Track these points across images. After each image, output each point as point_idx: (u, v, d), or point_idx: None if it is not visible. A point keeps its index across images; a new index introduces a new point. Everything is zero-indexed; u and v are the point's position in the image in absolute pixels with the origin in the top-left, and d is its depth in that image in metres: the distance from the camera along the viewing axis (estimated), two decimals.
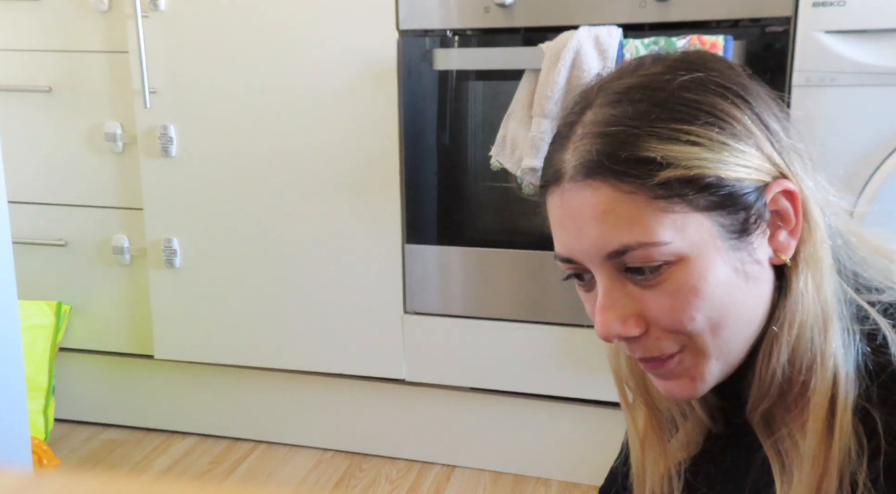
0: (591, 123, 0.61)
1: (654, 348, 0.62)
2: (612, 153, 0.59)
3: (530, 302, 1.64)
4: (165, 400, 1.95)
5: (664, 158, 0.58)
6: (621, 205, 0.59)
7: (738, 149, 0.59)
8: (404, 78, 1.60)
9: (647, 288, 0.61)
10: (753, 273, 0.61)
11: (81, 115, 1.80)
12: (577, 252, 0.62)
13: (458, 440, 1.78)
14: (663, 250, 0.59)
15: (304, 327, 1.76)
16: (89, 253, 1.87)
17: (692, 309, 0.60)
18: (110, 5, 1.72)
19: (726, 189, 0.59)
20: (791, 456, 0.61)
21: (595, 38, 1.43)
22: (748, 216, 0.60)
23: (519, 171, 1.51)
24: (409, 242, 1.68)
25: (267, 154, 1.70)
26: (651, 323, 0.61)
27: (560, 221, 0.63)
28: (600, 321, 0.62)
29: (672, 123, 0.59)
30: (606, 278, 0.62)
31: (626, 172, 0.58)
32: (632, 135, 0.59)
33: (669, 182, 0.58)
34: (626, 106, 0.60)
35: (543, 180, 0.64)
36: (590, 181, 0.60)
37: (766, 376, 0.62)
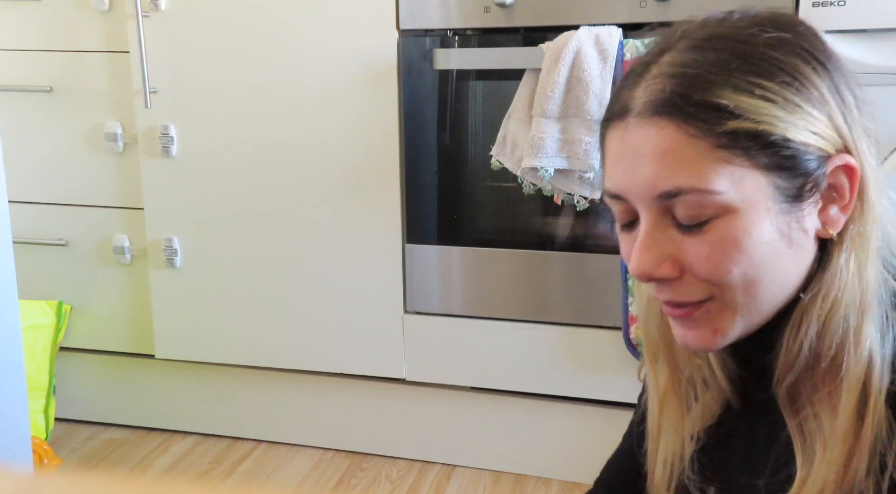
0: (669, 64, 0.61)
1: (683, 293, 0.63)
2: (684, 94, 0.59)
3: (530, 302, 1.64)
4: (166, 399, 1.95)
5: (736, 109, 0.58)
6: (684, 147, 0.59)
7: (810, 114, 0.59)
8: (404, 78, 1.60)
9: (690, 235, 0.61)
10: (797, 239, 0.61)
11: (82, 115, 1.80)
12: (629, 189, 0.62)
13: (459, 439, 1.78)
14: (715, 199, 0.59)
15: (304, 327, 1.76)
16: (90, 253, 1.87)
17: (730, 262, 0.60)
18: (111, 5, 1.73)
19: (790, 151, 0.59)
20: (815, 436, 0.61)
21: (595, 38, 1.43)
22: (805, 182, 0.60)
23: (519, 171, 1.51)
24: (409, 242, 1.68)
25: (267, 154, 1.70)
26: (686, 270, 0.62)
27: (617, 156, 0.63)
28: (637, 259, 0.62)
29: (750, 76, 0.59)
30: (651, 219, 0.62)
31: (694, 115, 0.58)
32: (707, 80, 0.59)
33: (736, 133, 0.58)
34: (707, 52, 0.60)
35: (607, 115, 0.64)
36: (657, 119, 0.60)
37: (794, 347, 0.62)
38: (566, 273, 1.61)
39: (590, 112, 1.43)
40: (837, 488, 0.59)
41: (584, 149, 1.44)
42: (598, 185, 1.49)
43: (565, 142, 1.46)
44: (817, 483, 0.60)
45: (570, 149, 1.46)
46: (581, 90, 1.43)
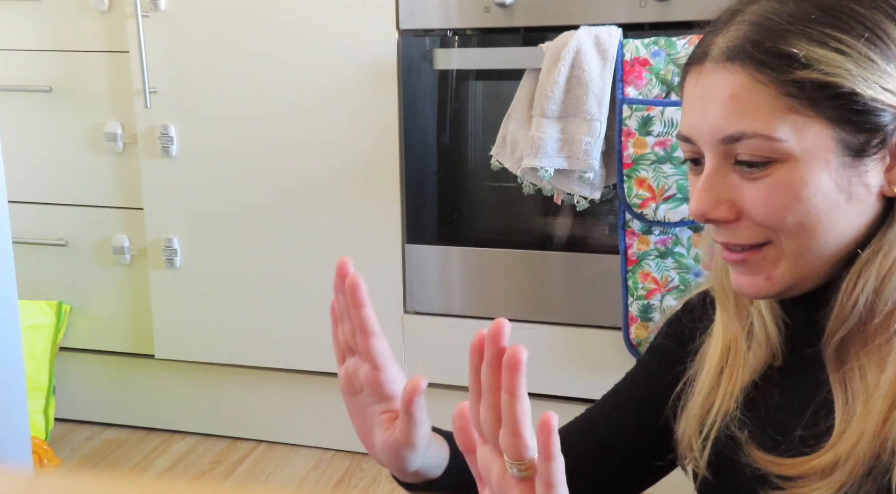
0: (751, 13, 0.62)
1: (741, 236, 0.64)
2: (757, 41, 0.60)
3: (530, 302, 1.64)
4: (166, 399, 1.95)
5: (806, 58, 0.59)
6: (751, 92, 0.60)
7: (884, 70, 0.59)
8: (404, 78, 1.60)
9: (749, 180, 0.62)
10: (858, 194, 0.61)
11: (82, 115, 1.80)
12: (696, 131, 0.64)
13: None
14: (775, 146, 0.60)
15: (304, 327, 1.76)
16: (90, 253, 1.87)
17: (785, 208, 0.61)
18: (110, 5, 1.73)
19: (858, 105, 0.59)
20: (857, 389, 0.62)
21: (595, 38, 1.43)
22: (871, 138, 0.60)
23: (519, 171, 1.51)
24: (409, 242, 1.68)
25: (267, 154, 1.70)
26: (743, 214, 0.63)
27: (690, 100, 0.65)
28: (696, 199, 0.64)
29: (827, 28, 0.59)
30: (714, 162, 0.63)
31: (765, 62, 0.60)
32: (783, 29, 0.60)
33: (803, 82, 0.59)
34: (791, 4, 0.61)
35: (689, 60, 0.66)
36: (729, 64, 0.61)
37: (849, 301, 0.62)
38: (566, 273, 1.61)
39: (590, 112, 1.43)
40: (874, 438, 0.60)
41: (584, 149, 1.44)
42: (598, 185, 1.49)
43: (565, 142, 1.46)
44: (855, 434, 0.61)
45: (570, 149, 1.46)
46: (581, 90, 1.43)
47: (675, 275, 1.49)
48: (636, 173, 1.44)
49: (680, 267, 1.48)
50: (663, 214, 1.44)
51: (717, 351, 0.74)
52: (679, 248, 1.48)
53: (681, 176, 1.42)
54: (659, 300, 1.50)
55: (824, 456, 0.62)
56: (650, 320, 1.52)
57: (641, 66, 1.42)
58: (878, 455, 0.60)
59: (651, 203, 1.44)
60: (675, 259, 1.48)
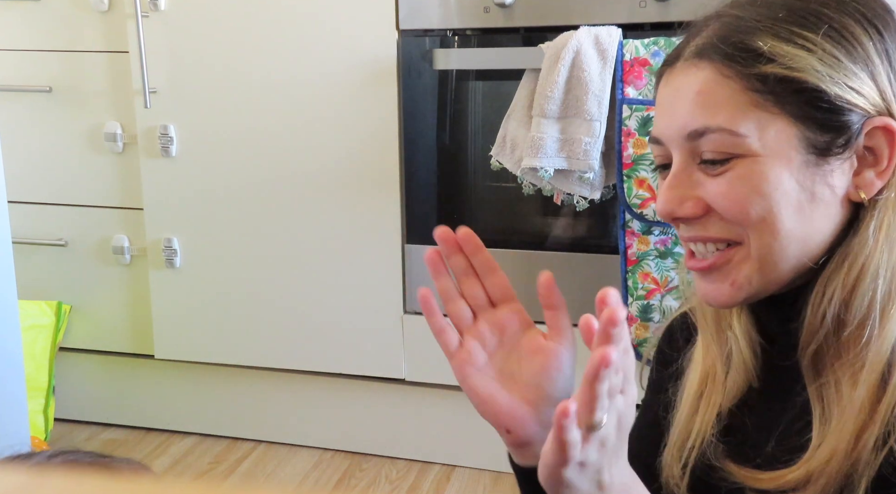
0: (723, 15, 0.63)
1: (711, 229, 0.64)
2: (725, 37, 0.61)
3: (530, 303, 1.64)
4: (165, 399, 1.94)
5: (771, 53, 0.59)
6: (716, 87, 0.61)
7: (849, 70, 0.59)
8: (404, 78, 1.60)
9: (713, 176, 0.62)
10: (821, 195, 0.61)
11: (81, 115, 1.80)
12: (665, 130, 0.64)
13: (458, 440, 1.78)
14: (738, 142, 0.60)
15: (304, 327, 1.76)
16: (89, 253, 1.87)
17: (747, 202, 0.61)
18: (110, 5, 1.72)
19: (822, 102, 0.59)
20: (833, 403, 0.61)
21: (595, 38, 1.43)
22: (836, 138, 0.60)
23: (519, 171, 1.51)
24: (409, 242, 1.67)
25: (267, 154, 1.70)
26: (710, 209, 0.63)
27: (660, 101, 0.65)
28: (662, 198, 0.64)
29: (794, 26, 0.60)
30: (680, 161, 0.64)
31: (731, 56, 0.60)
32: (750, 27, 0.61)
33: (767, 77, 0.59)
34: (760, 6, 0.62)
35: (664, 62, 0.67)
36: (697, 61, 0.62)
37: (818, 312, 0.62)
38: (566, 273, 1.61)
39: (590, 112, 1.43)
40: (846, 458, 0.59)
41: (584, 149, 1.44)
42: (598, 185, 1.49)
43: (565, 142, 1.46)
44: (828, 450, 0.60)
45: (570, 149, 1.46)
46: (581, 90, 1.43)
47: (675, 275, 1.49)
48: (636, 173, 1.44)
49: (680, 268, 1.48)
50: None
51: (696, 376, 0.73)
52: (679, 248, 1.48)
53: None
54: (659, 300, 1.50)
55: (798, 471, 0.61)
56: (650, 320, 1.52)
57: (641, 66, 1.42)
58: (850, 475, 0.59)
59: (651, 203, 1.44)
60: (675, 259, 1.48)
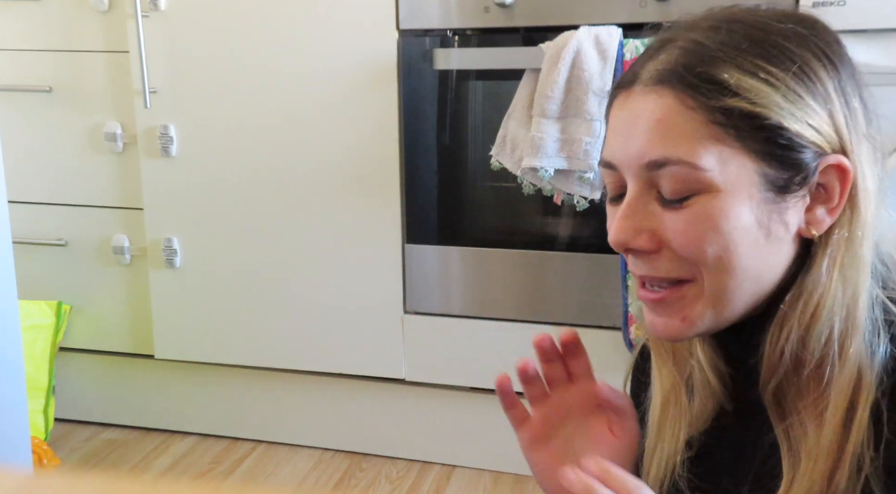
0: (683, 40, 0.62)
1: (661, 268, 0.62)
2: (688, 65, 0.60)
3: (530, 302, 1.64)
4: (165, 399, 1.95)
5: (736, 86, 0.58)
6: (678, 117, 0.59)
7: (810, 107, 0.59)
8: (404, 78, 1.60)
9: (670, 210, 0.61)
10: (776, 233, 0.60)
11: (82, 115, 1.80)
12: (620, 156, 0.62)
13: (458, 440, 1.78)
14: (699, 176, 0.59)
15: (304, 327, 1.76)
16: (89, 253, 1.87)
17: (704, 240, 0.60)
18: (110, 5, 1.73)
19: (783, 139, 0.58)
20: (800, 444, 0.61)
21: (595, 38, 1.43)
22: (794, 176, 0.59)
23: (519, 171, 1.51)
24: (409, 242, 1.68)
25: (267, 154, 1.70)
26: (664, 245, 0.61)
27: (615, 125, 0.63)
28: (616, 228, 0.62)
29: (758, 59, 0.59)
30: (635, 190, 0.62)
31: (695, 86, 0.59)
32: (714, 56, 0.59)
33: (731, 111, 0.58)
34: (723, 34, 0.60)
35: (617, 84, 0.65)
36: (658, 88, 0.60)
37: (776, 350, 0.61)
38: (566, 273, 1.61)
39: (590, 112, 1.43)
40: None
41: (584, 149, 1.44)
42: (598, 185, 1.49)
43: (565, 142, 1.46)
44: (801, 489, 0.59)
45: (570, 149, 1.46)
46: (581, 90, 1.43)
47: None
48: None
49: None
50: None
51: (657, 404, 0.73)
52: None
53: None
54: None
55: None
56: None
57: None
58: None
59: None
60: None
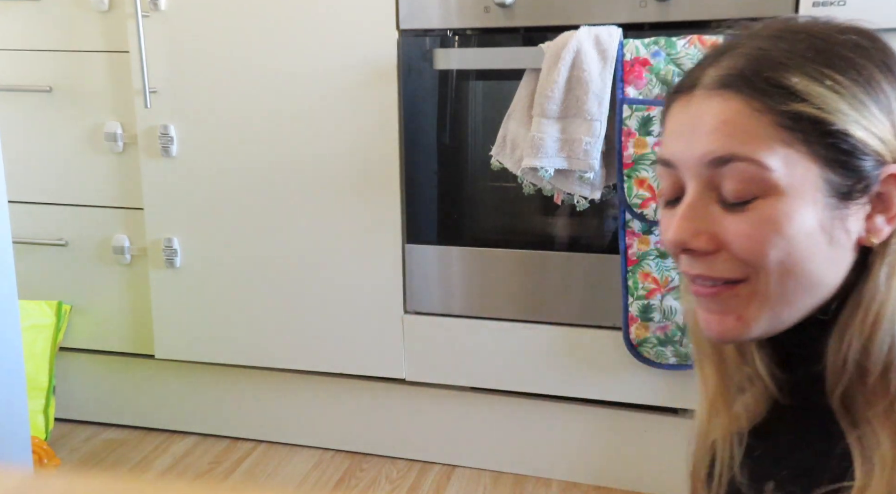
0: (745, 47, 0.62)
1: (717, 269, 0.62)
2: (755, 70, 0.60)
3: (530, 302, 1.64)
4: (166, 399, 1.95)
5: (803, 92, 0.59)
6: (745, 118, 0.59)
7: (874, 115, 0.59)
8: (404, 78, 1.60)
9: (731, 213, 0.61)
10: (838, 239, 0.60)
11: (82, 115, 1.80)
12: (682, 156, 0.62)
13: (458, 440, 1.78)
14: (764, 176, 0.59)
15: (304, 327, 1.76)
16: (90, 253, 1.87)
17: (768, 244, 0.60)
18: (110, 5, 1.73)
19: (848, 145, 0.59)
20: (873, 450, 0.60)
21: (595, 38, 1.43)
22: (856, 183, 0.60)
23: (519, 171, 1.51)
24: (409, 242, 1.68)
25: (267, 154, 1.70)
26: (722, 247, 0.61)
27: (676, 127, 0.64)
28: (676, 227, 0.62)
29: (823, 67, 0.59)
30: (697, 190, 0.62)
31: (762, 90, 0.59)
32: (780, 62, 0.60)
33: (799, 115, 0.58)
34: (787, 42, 0.61)
35: (675, 88, 0.65)
36: (723, 91, 0.60)
37: (838, 359, 0.61)
38: (566, 273, 1.61)
39: (590, 112, 1.43)
40: None
41: (584, 149, 1.44)
42: (599, 185, 1.49)
43: (565, 142, 1.46)
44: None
45: (570, 149, 1.46)
46: (581, 90, 1.43)
47: (675, 275, 1.49)
48: (636, 173, 1.44)
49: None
50: None
51: (703, 408, 0.73)
52: None
53: None
54: (659, 300, 1.50)
55: None
56: (650, 320, 1.52)
57: (641, 66, 1.42)
58: None
59: (651, 203, 1.44)
60: None
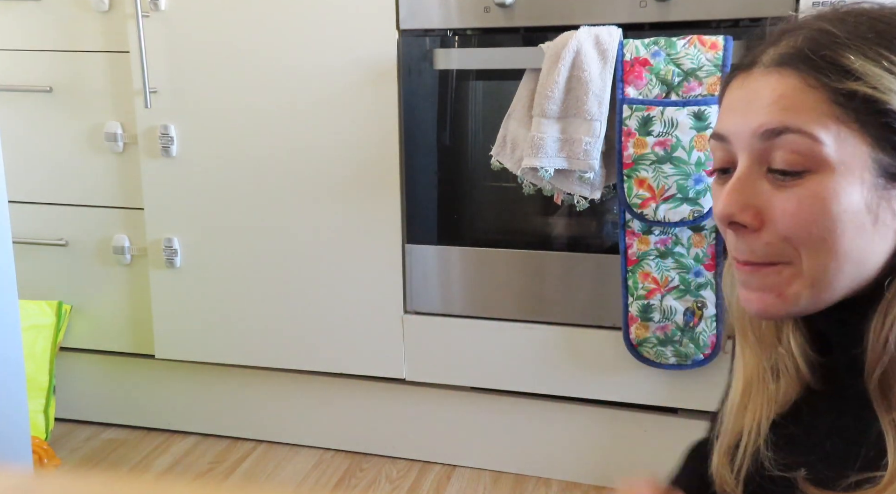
0: (807, 29, 0.63)
1: (759, 251, 0.63)
2: (813, 48, 0.61)
3: (530, 302, 1.64)
4: (166, 399, 1.95)
5: (859, 71, 0.59)
6: (800, 93, 0.60)
7: None
8: (404, 78, 1.60)
9: (780, 189, 0.61)
10: (884, 220, 0.61)
11: (82, 115, 1.80)
12: (734, 128, 0.63)
13: (458, 440, 1.78)
14: (815, 149, 0.60)
15: (304, 327, 1.76)
16: (90, 253, 1.87)
17: (813, 222, 0.60)
18: (110, 5, 1.73)
19: None
20: None
21: (595, 38, 1.43)
22: None
23: (519, 171, 1.51)
24: (409, 242, 1.68)
25: (267, 154, 1.70)
26: (767, 223, 0.62)
27: (731, 103, 0.65)
28: (723, 200, 0.63)
29: (882, 49, 0.60)
30: (747, 164, 0.63)
31: (819, 68, 0.60)
32: (839, 43, 0.61)
33: (853, 94, 0.59)
34: (847, 24, 0.62)
35: (735, 67, 0.66)
36: (780, 69, 0.62)
37: (880, 340, 0.61)
38: (566, 273, 1.61)
39: (590, 112, 1.43)
40: None
41: (584, 149, 1.44)
42: (598, 185, 1.49)
43: (565, 142, 1.46)
44: None
45: (570, 149, 1.46)
46: (581, 90, 1.43)
47: (675, 275, 1.49)
48: (636, 173, 1.44)
49: (680, 268, 1.48)
50: (663, 214, 1.44)
51: (738, 389, 0.73)
52: (679, 248, 1.48)
53: (680, 176, 1.42)
54: (659, 300, 1.50)
55: None
56: (650, 320, 1.52)
57: (641, 66, 1.42)
58: None
59: (651, 203, 1.44)
60: (675, 259, 1.48)
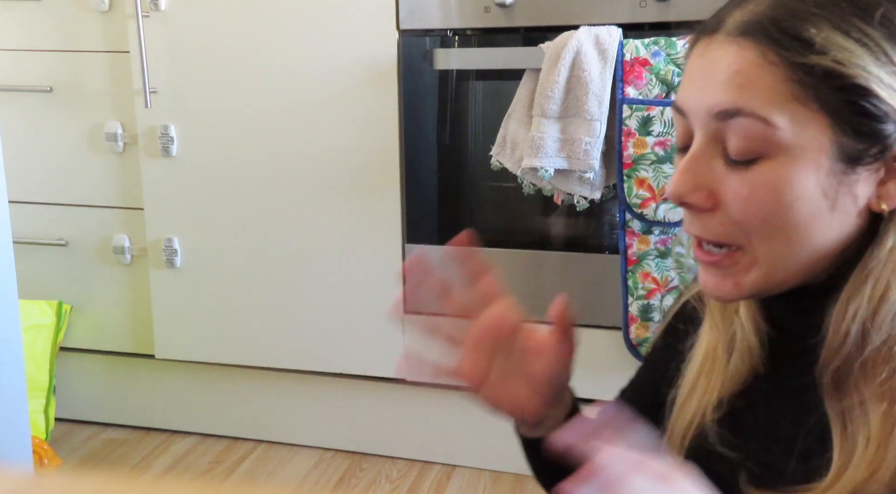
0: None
1: (711, 230, 0.61)
2: (776, 19, 0.57)
3: (530, 302, 1.64)
4: (166, 399, 1.95)
5: (822, 44, 0.55)
6: (757, 71, 0.56)
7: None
8: (405, 78, 1.60)
9: (734, 172, 0.58)
10: (843, 205, 0.58)
11: (82, 115, 1.80)
12: (691, 103, 0.60)
13: (458, 440, 1.78)
14: (768, 134, 0.56)
15: (304, 327, 1.76)
16: (90, 253, 1.87)
17: (764, 209, 0.58)
18: (111, 5, 1.73)
19: (869, 104, 0.55)
20: (858, 427, 0.58)
21: (595, 38, 1.43)
22: (870, 147, 0.56)
23: (519, 171, 1.51)
24: (409, 242, 1.68)
25: (267, 154, 1.70)
26: (719, 206, 0.60)
27: (691, 72, 0.62)
28: (674, 180, 0.61)
29: (853, 18, 0.55)
30: (702, 142, 0.60)
31: (779, 41, 0.56)
32: (807, 12, 0.56)
33: (813, 68, 0.55)
34: None
35: (699, 30, 0.63)
36: (740, 39, 0.58)
37: (840, 330, 0.59)
38: (566, 273, 1.61)
39: (590, 112, 1.43)
40: (885, 487, 0.56)
41: (584, 149, 1.44)
42: (598, 185, 1.49)
43: (565, 142, 1.46)
44: (855, 478, 0.57)
45: (570, 149, 1.46)
46: (581, 90, 1.43)
47: (675, 275, 1.49)
48: (636, 173, 1.44)
49: (680, 267, 1.48)
50: (663, 214, 1.44)
51: (696, 360, 0.72)
52: (679, 248, 1.48)
53: None
54: (659, 300, 1.50)
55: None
56: (650, 320, 1.52)
57: (641, 66, 1.42)
58: None
59: (651, 203, 1.44)
60: (675, 259, 1.48)
